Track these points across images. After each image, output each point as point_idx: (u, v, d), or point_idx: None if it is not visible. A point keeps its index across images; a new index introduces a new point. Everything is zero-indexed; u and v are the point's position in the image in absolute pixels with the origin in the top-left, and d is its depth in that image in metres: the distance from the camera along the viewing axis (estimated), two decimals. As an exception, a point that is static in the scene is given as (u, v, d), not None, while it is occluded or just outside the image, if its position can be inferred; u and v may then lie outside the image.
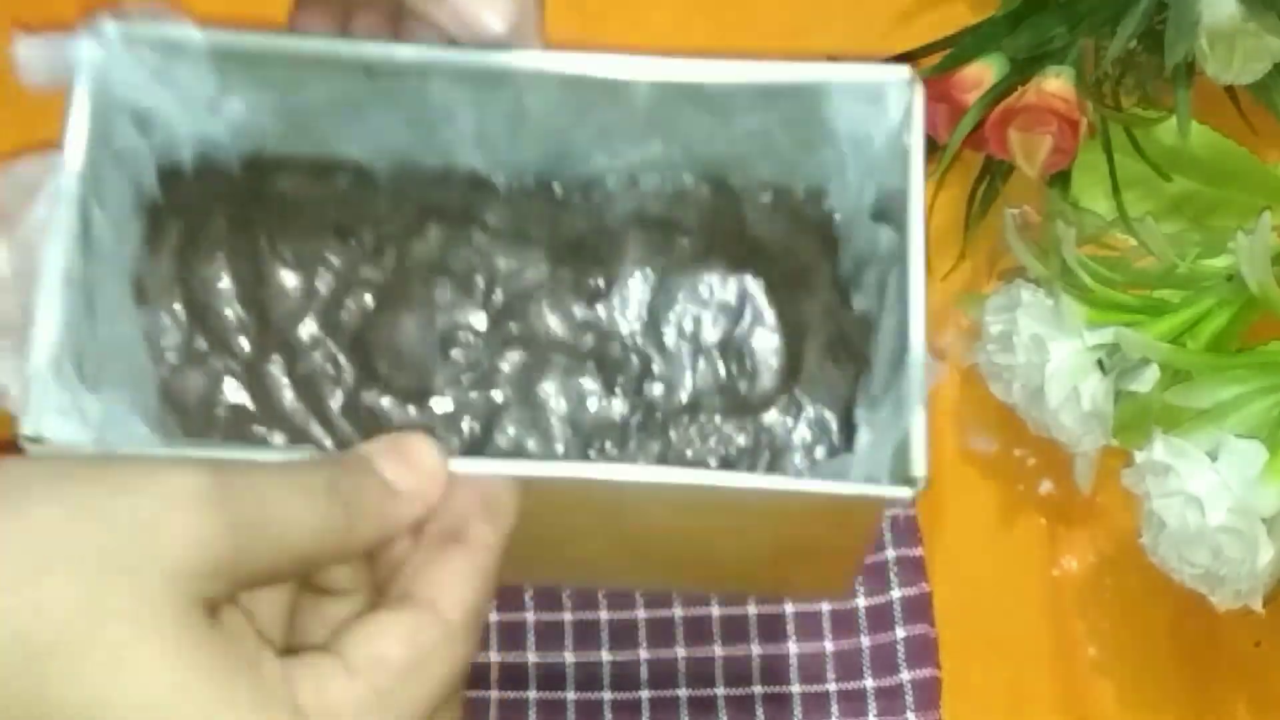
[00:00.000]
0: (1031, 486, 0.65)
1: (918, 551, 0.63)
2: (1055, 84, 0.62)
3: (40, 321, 0.47)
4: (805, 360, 0.54)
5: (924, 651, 0.62)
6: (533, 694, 0.62)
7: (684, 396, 0.54)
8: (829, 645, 0.62)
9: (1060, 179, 0.64)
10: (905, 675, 0.62)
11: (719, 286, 0.55)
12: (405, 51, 0.51)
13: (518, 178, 0.54)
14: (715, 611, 0.63)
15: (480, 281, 0.54)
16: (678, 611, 0.63)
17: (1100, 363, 0.58)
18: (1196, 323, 0.59)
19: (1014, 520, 0.65)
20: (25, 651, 0.37)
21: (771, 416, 0.53)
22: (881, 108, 0.51)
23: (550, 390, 0.54)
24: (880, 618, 0.63)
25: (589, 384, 0.54)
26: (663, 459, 0.53)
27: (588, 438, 0.53)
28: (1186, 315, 0.59)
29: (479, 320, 0.54)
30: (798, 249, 0.55)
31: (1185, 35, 0.61)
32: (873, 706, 0.62)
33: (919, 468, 0.46)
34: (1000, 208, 0.64)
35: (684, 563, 0.55)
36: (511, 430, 0.53)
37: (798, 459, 0.53)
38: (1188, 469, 0.55)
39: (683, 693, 0.62)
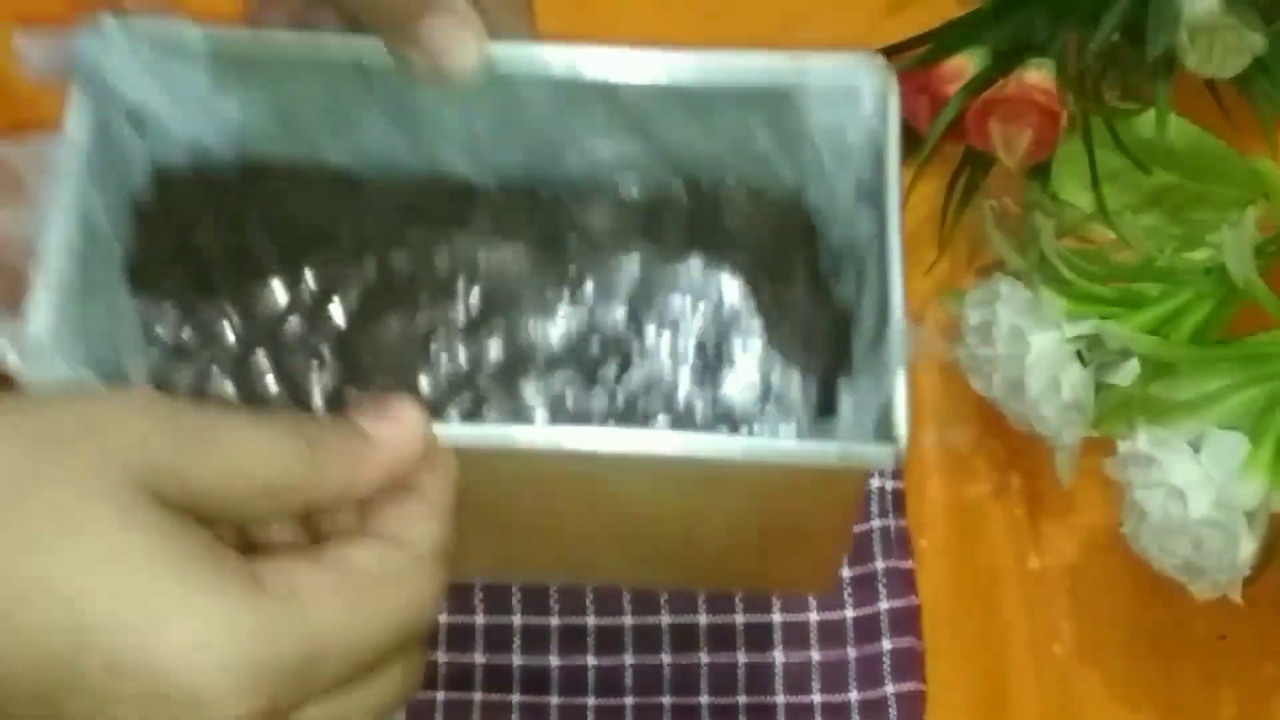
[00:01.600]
0: (1006, 480, 0.65)
1: (908, 564, 0.63)
2: (1036, 76, 0.62)
3: (41, 287, 0.47)
4: (785, 354, 0.54)
5: (910, 665, 0.61)
6: (516, 698, 0.61)
7: (664, 389, 0.54)
8: (815, 655, 0.62)
9: (1040, 171, 0.64)
10: (890, 689, 0.61)
11: (699, 281, 0.55)
12: None
13: (504, 183, 0.55)
14: (702, 620, 0.62)
15: (463, 280, 0.55)
16: (665, 619, 0.62)
17: (1079, 354, 0.59)
18: (1173, 316, 0.59)
19: (990, 514, 0.65)
20: None
21: (749, 406, 0.53)
22: (856, 99, 0.52)
23: (531, 385, 0.54)
24: (868, 629, 0.62)
25: (570, 377, 0.54)
26: None
27: None
28: (1164, 308, 0.59)
29: (460, 317, 0.54)
30: (777, 243, 0.55)
31: (1166, 29, 0.61)
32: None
33: (901, 427, 0.46)
34: (980, 201, 0.64)
35: (666, 550, 0.55)
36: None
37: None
38: (1171, 461, 0.55)
39: (666, 700, 0.62)
